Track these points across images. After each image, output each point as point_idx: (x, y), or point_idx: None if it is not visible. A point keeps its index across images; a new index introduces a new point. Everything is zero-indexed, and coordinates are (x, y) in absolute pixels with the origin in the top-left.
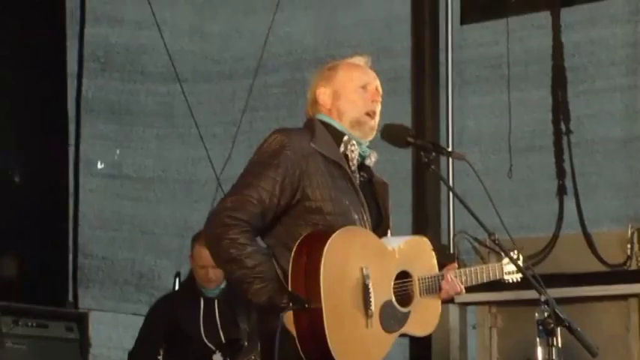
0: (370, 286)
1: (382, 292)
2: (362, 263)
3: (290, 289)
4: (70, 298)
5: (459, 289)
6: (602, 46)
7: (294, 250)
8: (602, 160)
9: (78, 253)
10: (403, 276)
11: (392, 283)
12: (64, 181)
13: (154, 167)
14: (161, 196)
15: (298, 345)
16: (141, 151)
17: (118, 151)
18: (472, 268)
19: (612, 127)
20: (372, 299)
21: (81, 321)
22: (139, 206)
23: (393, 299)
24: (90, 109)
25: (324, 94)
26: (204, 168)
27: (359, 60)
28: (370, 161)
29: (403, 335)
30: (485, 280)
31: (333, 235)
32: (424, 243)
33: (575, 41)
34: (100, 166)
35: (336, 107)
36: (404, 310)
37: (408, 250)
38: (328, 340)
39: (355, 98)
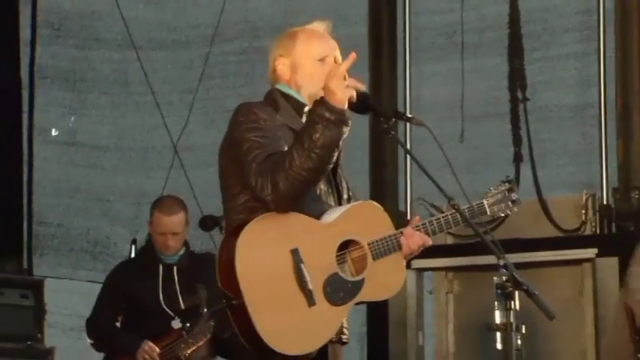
0: (302, 265)
1: (322, 268)
2: (289, 246)
3: (220, 285)
4: (25, 265)
5: (421, 242)
6: (556, 13)
7: (218, 247)
8: (556, 127)
9: (33, 220)
10: (349, 245)
11: (334, 256)
12: (17, 149)
13: (110, 135)
14: (117, 164)
15: (242, 340)
16: (96, 119)
17: (72, 119)
18: (442, 215)
19: (566, 95)
20: (307, 278)
21: (36, 288)
22: (95, 174)
23: (339, 271)
24: (44, 76)
25: (282, 65)
26: (161, 136)
27: (319, 27)
28: None
29: (361, 303)
30: (461, 224)
31: (244, 229)
32: (371, 207)
33: (528, 8)
34: (54, 133)
35: (294, 80)
36: (354, 279)
37: (352, 217)
38: (259, 333)
39: (312, 72)
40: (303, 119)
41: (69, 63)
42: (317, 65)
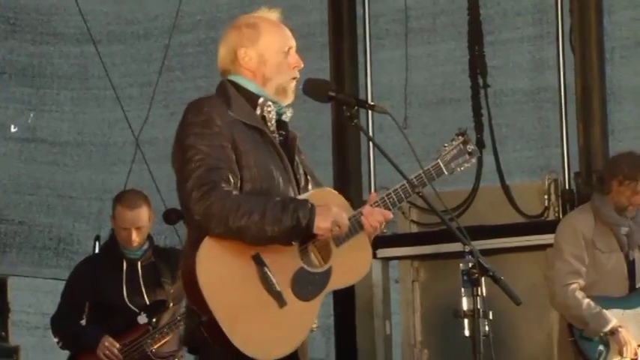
0: (266, 269)
1: (287, 266)
2: (250, 252)
3: (189, 303)
4: None
5: (382, 217)
6: None
7: (181, 266)
8: (512, 112)
9: None
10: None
11: (297, 251)
12: None
13: (70, 130)
14: (78, 160)
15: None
16: (56, 114)
17: (31, 115)
18: (398, 185)
19: (520, 79)
20: (272, 280)
21: None
22: (56, 170)
23: (304, 265)
24: (1, 72)
25: (247, 57)
26: (122, 130)
27: (273, 15)
28: (286, 117)
29: (334, 289)
30: (421, 188)
31: (202, 245)
32: (327, 193)
33: None
34: (13, 129)
35: (261, 73)
36: (321, 269)
37: None
38: (236, 345)
39: (280, 64)
40: (257, 111)
41: (27, 58)
42: (282, 57)
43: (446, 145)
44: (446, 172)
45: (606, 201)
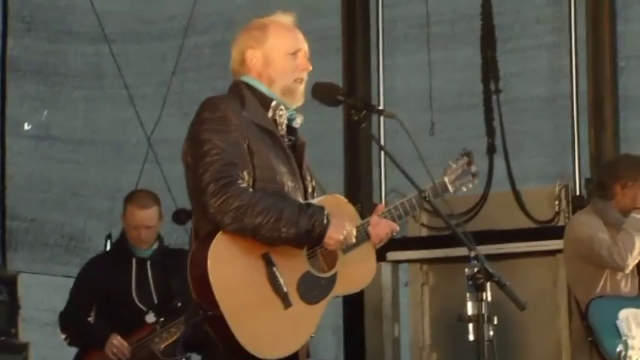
0: (275, 269)
1: (294, 268)
2: (260, 250)
3: (195, 298)
4: None
5: (389, 229)
6: (527, 4)
7: (188, 259)
8: (528, 119)
9: (6, 215)
10: None
11: (304, 254)
12: None
13: (83, 129)
14: (91, 158)
15: (223, 347)
16: (70, 113)
17: (45, 113)
18: (405, 199)
19: (537, 86)
20: (280, 281)
21: (10, 283)
22: (69, 168)
23: (311, 269)
24: (16, 70)
25: (254, 58)
26: (135, 129)
27: (286, 19)
28: (297, 123)
29: (337, 296)
30: (423, 205)
31: (214, 240)
32: (336, 200)
33: None
34: (27, 127)
35: (267, 73)
36: (326, 275)
37: None
38: (240, 342)
39: (286, 66)
40: (269, 114)
41: (41, 56)
42: (289, 59)
43: (451, 162)
44: (451, 190)
45: (610, 206)
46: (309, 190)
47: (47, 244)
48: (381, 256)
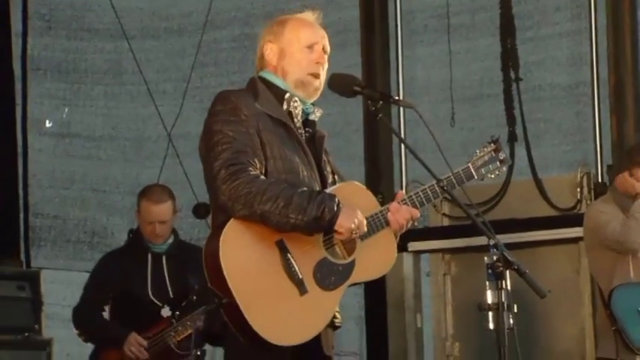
0: (289, 255)
1: (310, 254)
2: (274, 237)
3: (210, 285)
4: (22, 257)
5: (409, 215)
6: None
7: (203, 249)
8: (550, 107)
9: (29, 212)
10: None
11: (320, 240)
12: (12, 141)
13: (104, 125)
14: (111, 154)
15: (239, 335)
16: (90, 109)
17: (66, 110)
18: (427, 185)
19: (558, 73)
20: (295, 267)
21: (33, 279)
22: (90, 164)
23: (328, 256)
24: (36, 68)
25: (270, 51)
26: (155, 125)
27: (309, 16)
28: (315, 116)
29: (356, 284)
30: (450, 190)
31: (226, 227)
32: (354, 187)
33: None
34: (48, 124)
35: (281, 66)
36: (344, 261)
37: None
38: (255, 329)
39: (300, 58)
40: (284, 106)
41: (61, 54)
42: (305, 52)
43: (478, 150)
44: (476, 177)
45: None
46: (329, 181)
47: (70, 240)
48: (402, 246)
